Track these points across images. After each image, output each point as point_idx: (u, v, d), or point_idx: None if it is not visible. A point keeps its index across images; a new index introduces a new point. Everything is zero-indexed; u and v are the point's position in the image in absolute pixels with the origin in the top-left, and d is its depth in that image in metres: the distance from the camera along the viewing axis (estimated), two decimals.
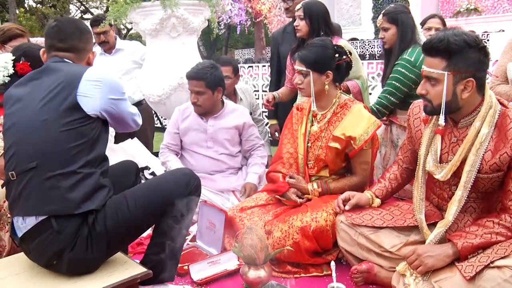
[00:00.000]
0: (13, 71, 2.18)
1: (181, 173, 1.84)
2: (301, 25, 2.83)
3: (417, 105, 1.95)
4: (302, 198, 2.27)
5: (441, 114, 1.67)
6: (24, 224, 1.55)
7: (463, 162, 1.70)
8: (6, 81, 2.17)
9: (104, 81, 1.64)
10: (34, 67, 2.06)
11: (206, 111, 2.79)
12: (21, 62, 2.20)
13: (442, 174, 1.75)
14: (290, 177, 2.28)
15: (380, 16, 2.67)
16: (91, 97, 1.60)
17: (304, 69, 2.22)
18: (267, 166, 3.05)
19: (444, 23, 3.11)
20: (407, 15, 2.61)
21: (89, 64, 1.81)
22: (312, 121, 2.35)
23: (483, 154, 1.66)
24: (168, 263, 1.79)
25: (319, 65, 2.21)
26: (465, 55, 1.61)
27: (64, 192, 1.52)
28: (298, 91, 3.00)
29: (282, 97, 3.08)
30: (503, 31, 7.45)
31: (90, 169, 1.58)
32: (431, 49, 1.67)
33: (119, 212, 1.61)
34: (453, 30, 1.67)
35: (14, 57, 2.21)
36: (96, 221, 1.57)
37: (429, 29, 3.03)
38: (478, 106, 1.69)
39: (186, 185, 1.75)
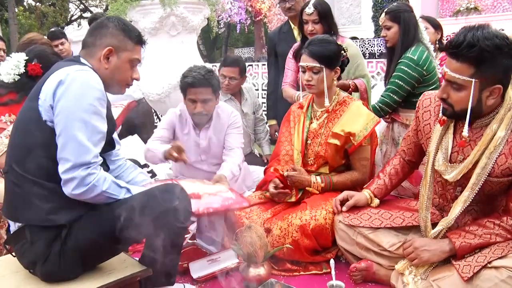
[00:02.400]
0: (24, 71, 2.19)
1: (168, 196, 1.52)
2: (317, 29, 2.76)
3: (428, 97, 1.85)
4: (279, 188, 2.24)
5: (465, 125, 1.56)
6: (13, 227, 1.55)
7: (474, 163, 1.62)
8: (16, 79, 2.18)
9: (67, 85, 1.41)
10: (45, 69, 2.05)
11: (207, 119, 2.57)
12: (33, 63, 2.20)
13: (452, 175, 1.67)
14: (293, 169, 2.24)
15: (383, 15, 2.67)
16: (46, 101, 1.42)
17: (318, 65, 2.18)
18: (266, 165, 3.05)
19: (433, 22, 3.09)
20: (410, 14, 2.61)
21: (101, 63, 1.57)
22: (311, 118, 2.36)
23: (497, 158, 1.59)
24: (164, 277, 1.67)
25: (331, 61, 2.20)
26: (496, 62, 1.47)
27: (32, 201, 1.44)
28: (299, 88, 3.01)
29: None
30: (503, 30, 7.46)
31: (57, 184, 1.43)
32: (458, 54, 1.50)
33: (94, 229, 1.48)
34: (482, 30, 1.48)
35: (27, 58, 2.22)
36: (69, 236, 1.47)
37: None
38: (496, 107, 1.60)
39: (169, 212, 1.50)
